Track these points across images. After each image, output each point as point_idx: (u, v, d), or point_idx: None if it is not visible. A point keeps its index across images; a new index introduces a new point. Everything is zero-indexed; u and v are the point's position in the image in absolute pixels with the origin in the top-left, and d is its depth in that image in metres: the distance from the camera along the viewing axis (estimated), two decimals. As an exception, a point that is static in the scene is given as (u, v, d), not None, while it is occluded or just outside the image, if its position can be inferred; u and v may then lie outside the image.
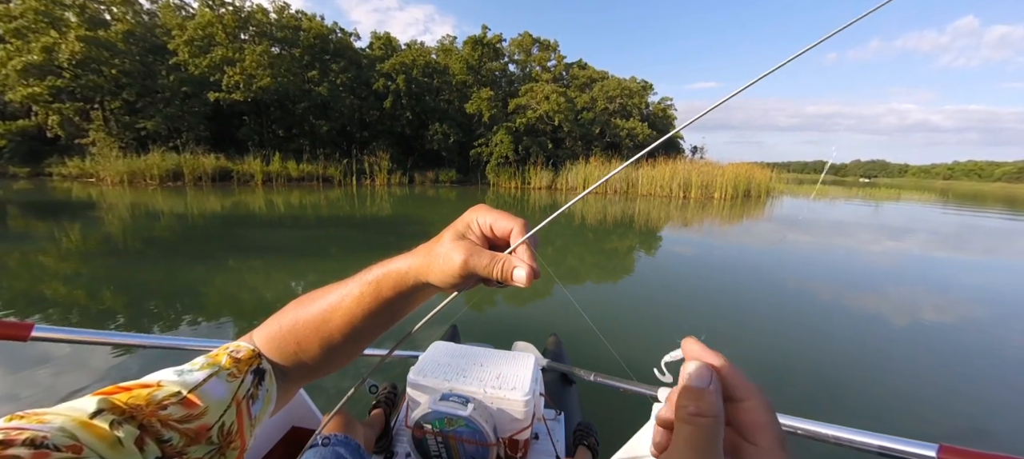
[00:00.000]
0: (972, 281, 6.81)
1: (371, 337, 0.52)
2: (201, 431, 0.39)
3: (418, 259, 0.45)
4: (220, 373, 0.43)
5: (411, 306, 0.51)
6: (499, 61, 26.36)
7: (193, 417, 0.39)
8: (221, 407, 0.42)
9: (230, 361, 0.45)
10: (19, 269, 5.60)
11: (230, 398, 0.43)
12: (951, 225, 14.74)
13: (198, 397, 0.40)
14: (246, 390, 0.45)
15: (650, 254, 8.31)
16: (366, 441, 1.27)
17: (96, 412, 0.34)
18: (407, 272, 0.46)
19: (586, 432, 1.60)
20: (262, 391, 0.47)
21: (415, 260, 0.46)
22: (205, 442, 0.40)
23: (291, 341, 0.49)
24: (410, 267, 0.46)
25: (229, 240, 8.10)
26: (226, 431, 0.42)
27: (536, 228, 0.46)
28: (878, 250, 9.26)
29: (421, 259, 0.45)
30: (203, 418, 0.40)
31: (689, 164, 22.01)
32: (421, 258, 0.45)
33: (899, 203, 23.18)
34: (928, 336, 4.44)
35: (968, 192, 51.35)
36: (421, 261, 0.45)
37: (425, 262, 0.45)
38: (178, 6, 22.44)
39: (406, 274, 0.46)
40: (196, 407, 0.40)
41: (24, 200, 12.72)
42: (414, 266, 0.45)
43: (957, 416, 2.93)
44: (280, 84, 20.20)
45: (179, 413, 0.38)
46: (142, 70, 19.31)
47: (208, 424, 0.40)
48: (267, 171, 19.95)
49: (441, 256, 0.44)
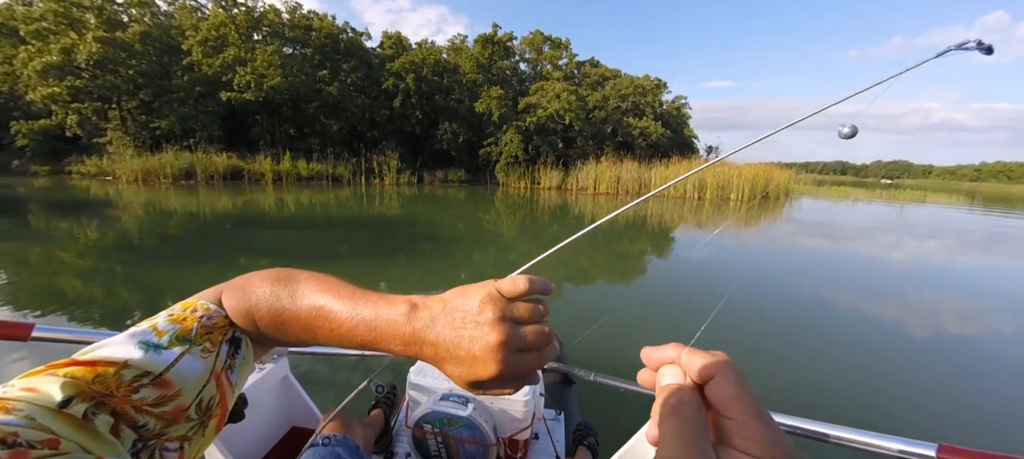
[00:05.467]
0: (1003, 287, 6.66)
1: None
2: (178, 412, 0.37)
3: (431, 331, 0.40)
4: (193, 349, 0.40)
5: None
6: (510, 59, 26.33)
7: (168, 398, 0.37)
8: (198, 384, 0.39)
9: (202, 331, 0.41)
10: (40, 264, 5.75)
11: (207, 373, 0.40)
12: (978, 228, 14.40)
13: (172, 377, 0.37)
14: (223, 362, 0.42)
15: (661, 256, 8.26)
16: (365, 441, 1.28)
17: (66, 401, 0.31)
18: (409, 344, 0.41)
19: (586, 432, 1.59)
20: (239, 359, 0.45)
21: (427, 328, 0.41)
22: (184, 421, 0.38)
23: (270, 325, 0.44)
24: (415, 335, 0.41)
25: (240, 239, 8.21)
26: (205, 406, 0.40)
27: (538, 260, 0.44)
28: (901, 256, 9.09)
29: (434, 329, 0.40)
30: (179, 399, 0.37)
31: (704, 164, 21.63)
32: (434, 326, 0.40)
33: (924, 206, 22.51)
34: (952, 343, 4.35)
35: (996, 194, 50.13)
36: (436, 337, 0.40)
37: (444, 346, 0.40)
38: (194, 8, 22.80)
39: (407, 347, 0.41)
40: (171, 388, 0.37)
41: (45, 198, 13.06)
42: (420, 340, 0.41)
43: (982, 421, 2.87)
44: (291, 84, 20.43)
45: (153, 395, 0.36)
46: (158, 70, 19.68)
47: (185, 405, 0.38)
48: (277, 170, 20.20)
49: (468, 351, 0.39)
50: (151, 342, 0.38)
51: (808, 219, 14.75)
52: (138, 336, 0.38)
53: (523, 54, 27.21)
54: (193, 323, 0.41)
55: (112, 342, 0.37)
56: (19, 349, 3.07)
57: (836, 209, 18.27)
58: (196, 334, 0.41)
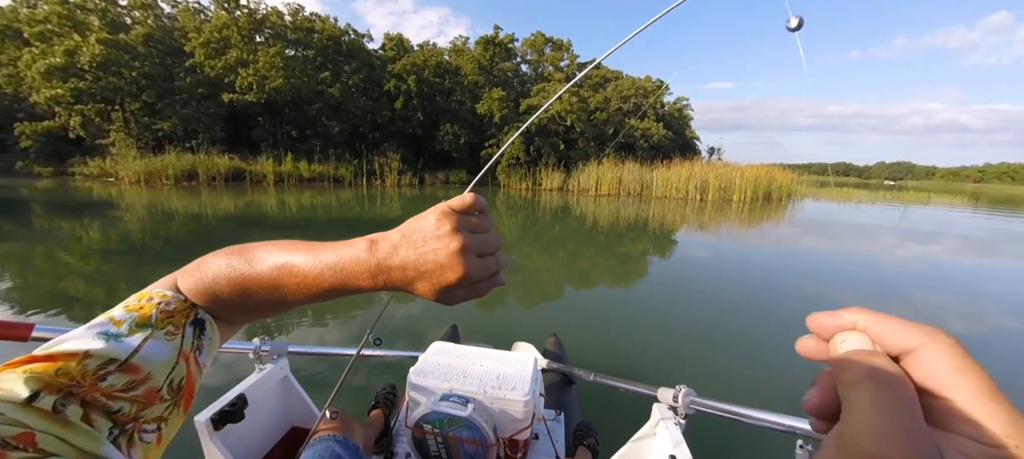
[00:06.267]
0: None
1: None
2: (151, 394, 0.37)
3: (396, 256, 0.42)
4: (156, 333, 0.40)
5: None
6: (511, 61, 26.40)
7: (137, 383, 0.37)
8: (167, 366, 0.39)
9: (162, 317, 0.41)
10: (43, 265, 5.77)
11: (175, 355, 0.40)
12: (982, 231, 14.36)
13: (139, 362, 0.37)
14: (190, 343, 0.42)
15: (663, 257, 8.24)
16: (365, 441, 1.28)
17: (33, 395, 0.31)
18: (376, 274, 0.43)
19: (586, 432, 1.59)
20: (206, 340, 0.45)
21: (390, 255, 0.43)
22: (158, 402, 0.38)
23: (233, 294, 0.45)
24: (380, 265, 0.43)
25: (243, 240, 8.16)
26: (176, 386, 0.40)
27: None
28: (905, 255, 9.06)
29: (398, 254, 0.42)
30: (149, 382, 0.38)
31: (706, 166, 21.61)
32: (398, 252, 0.43)
33: (927, 207, 22.37)
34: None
35: (1000, 195, 49.96)
36: (401, 260, 0.42)
37: (412, 265, 0.42)
38: (197, 10, 22.91)
39: (375, 278, 0.43)
40: (139, 372, 0.37)
41: (49, 199, 13.11)
42: (387, 267, 0.43)
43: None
44: (293, 85, 20.51)
45: (121, 381, 0.36)
46: (161, 72, 19.78)
47: (156, 386, 0.38)
48: (279, 171, 20.29)
49: (434, 261, 0.42)
50: (110, 332, 0.38)
51: (810, 218, 14.75)
52: (96, 328, 0.38)
53: (524, 56, 27.28)
54: (151, 310, 0.41)
55: (70, 336, 0.37)
56: (19, 349, 3.08)
57: (839, 210, 18.22)
58: (156, 319, 0.41)
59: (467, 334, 2.61)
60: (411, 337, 3.62)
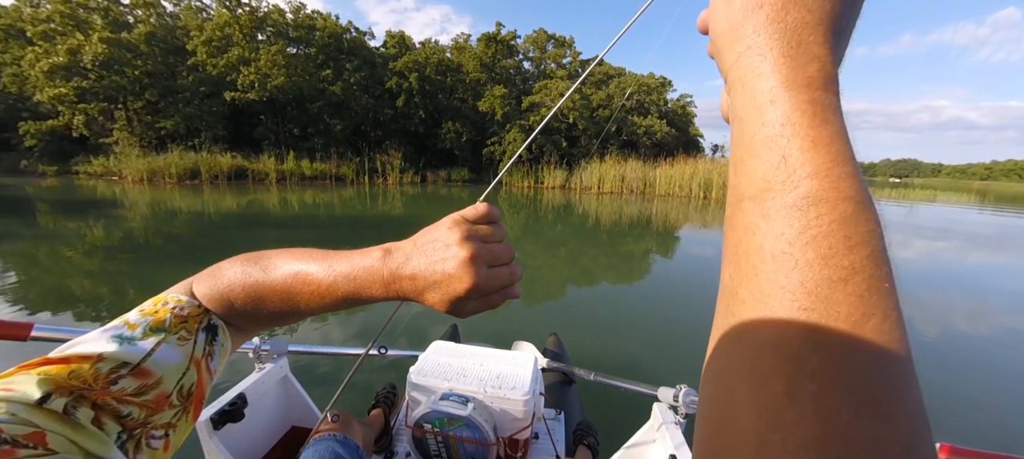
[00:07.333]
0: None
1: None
2: (161, 400, 0.38)
3: (408, 266, 0.42)
4: (168, 338, 0.40)
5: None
6: (513, 58, 26.36)
7: (148, 387, 0.37)
8: (177, 371, 0.40)
9: (176, 321, 0.42)
10: (48, 263, 5.80)
11: (186, 360, 0.41)
12: (990, 228, 14.27)
13: (150, 366, 0.37)
14: (202, 349, 0.43)
15: (666, 256, 8.22)
16: (365, 441, 1.28)
17: (45, 396, 0.31)
18: (389, 284, 0.43)
19: (586, 432, 1.59)
20: (217, 346, 0.45)
21: (403, 264, 0.43)
22: (168, 408, 0.38)
23: (248, 301, 0.45)
24: (393, 274, 0.43)
25: (246, 238, 8.25)
26: (186, 392, 0.40)
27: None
28: (909, 255, 9.02)
29: (410, 263, 0.42)
30: (159, 387, 0.38)
31: (710, 163, 21.43)
32: (410, 261, 0.43)
33: (933, 205, 22.20)
34: (956, 342, 4.31)
35: (1008, 193, 49.71)
36: (413, 269, 0.42)
37: (422, 275, 0.42)
38: (199, 8, 22.95)
39: (388, 288, 0.43)
40: (150, 377, 0.37)
41: (53, 197, 13.18)
42: (398, 277, 0.43)
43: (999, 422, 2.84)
44: (295, 83, 20.55)
45: (132, 385, 0.36)
46: (164, 71, 19.84)
47: (166, 392, 0.38)
48: (281, 170, 20.34)
49: (444, 271, 0.42)
50: (124, 335, 0.38)
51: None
52: (111, 331, 0.38)
53: (527, 53, 27.24)
54: (165, 315, 0.42)
55: (85, 339, 0.37)
56: (19, 349, 3.09)
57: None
58: (170, 324, 0.41)
59: (467, 333, 2.60)
60: (411, 336, 3.62)
